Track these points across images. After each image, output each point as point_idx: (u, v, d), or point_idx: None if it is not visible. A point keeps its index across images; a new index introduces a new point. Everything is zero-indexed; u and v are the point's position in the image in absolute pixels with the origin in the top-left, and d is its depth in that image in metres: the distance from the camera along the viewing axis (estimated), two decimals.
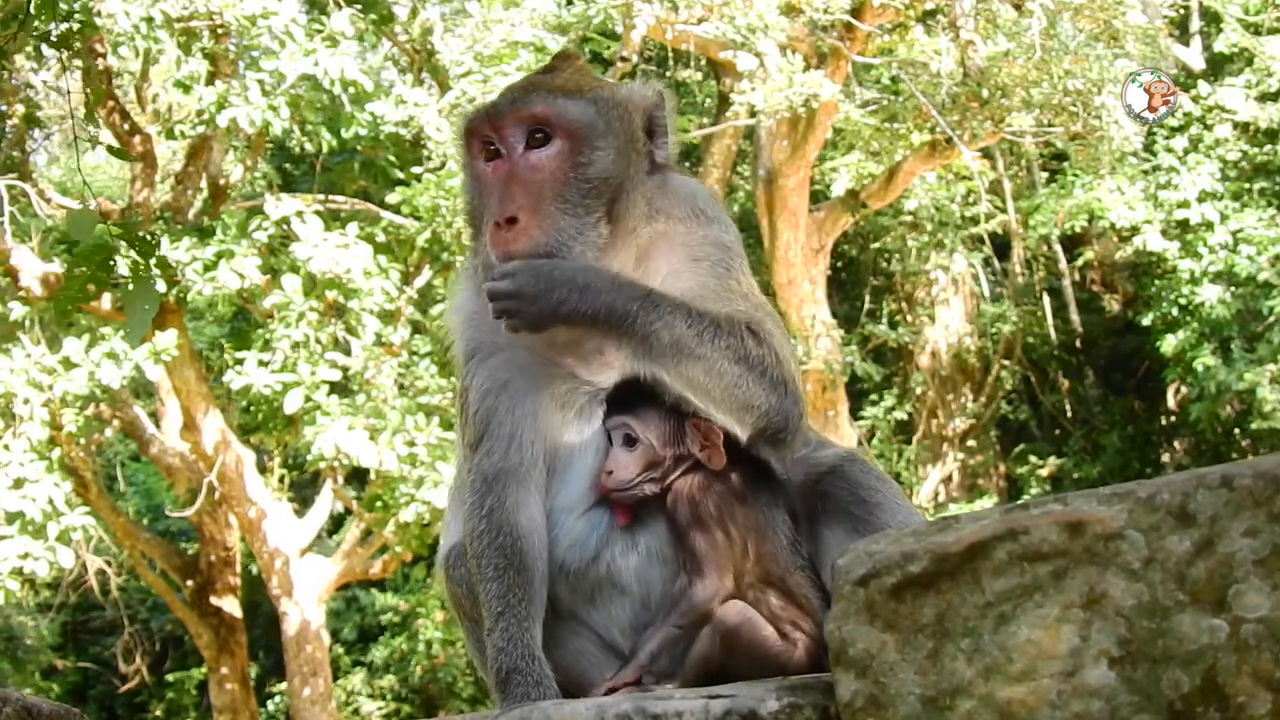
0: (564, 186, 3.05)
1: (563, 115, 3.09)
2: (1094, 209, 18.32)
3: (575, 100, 3.11)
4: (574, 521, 3.10)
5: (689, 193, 3.27)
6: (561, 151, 3.08)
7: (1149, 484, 2.05)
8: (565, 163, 3.07)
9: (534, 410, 3.12)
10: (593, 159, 3.08)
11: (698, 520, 2.96)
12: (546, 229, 3.01)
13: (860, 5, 15.24)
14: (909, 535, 2.13)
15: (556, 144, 3.08)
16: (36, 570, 12.74)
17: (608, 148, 3.10)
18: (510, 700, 2.89)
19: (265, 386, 13.45)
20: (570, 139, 3.08)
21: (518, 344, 3.12)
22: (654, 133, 3.22)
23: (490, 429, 3.12)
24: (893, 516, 3.08)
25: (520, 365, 3.13)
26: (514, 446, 3.10)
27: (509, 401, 3.13)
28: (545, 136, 3.09)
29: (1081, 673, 1.99)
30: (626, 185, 3.12)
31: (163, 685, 21.33)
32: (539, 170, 3.06)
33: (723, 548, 2.94)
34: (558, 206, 3.04)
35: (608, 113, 3.14)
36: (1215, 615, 1.95)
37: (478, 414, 3.15)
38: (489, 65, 14.08)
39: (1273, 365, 17.17)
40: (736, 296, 3.09)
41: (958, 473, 21.07)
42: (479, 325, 3.20)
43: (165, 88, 16.14)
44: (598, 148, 3.09)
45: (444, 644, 19.46)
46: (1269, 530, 1.94)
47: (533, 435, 3.11)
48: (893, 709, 2.06)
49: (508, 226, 3.01)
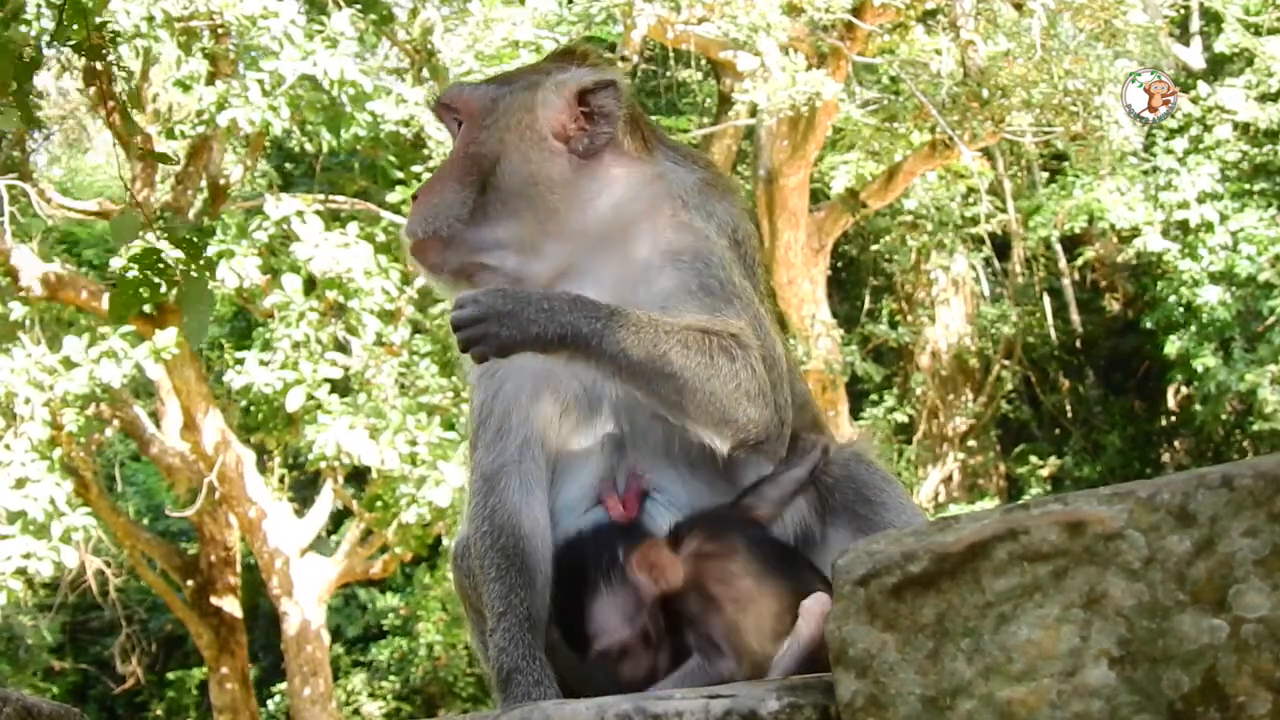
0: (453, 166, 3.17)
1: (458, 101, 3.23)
2: (1094, 210, 18.32)
3: (481, 86, 3.24)
4: (575, 521, 3.09)
5: (678, 189, 3.17)
6: (461, 135, 3.20)
7: (1149, 484, 2.04)
8: (460, 145, 3.18)
9: (535, 409, 3.11)
10: (481, 140, 3.14)
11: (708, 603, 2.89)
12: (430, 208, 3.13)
13: (861, 5, 15.23)
14: (909, 535, 2.13)
15: (462, 129, 3.20)
16: (40, 570, 12.74)
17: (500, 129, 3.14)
18: (511, 699, 2.89)
19: (266, 386, 13.46)
20: (466, 122, 3.20)
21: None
22: (593, 116, 3.14)
23: (490, 427, 3.12)
24: (897, 516, 3.08)
25: (521, 364, 3.11)
26: (514, 445, 3.09)
27: (510, 400, 3.12)
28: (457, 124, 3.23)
29: (1081, 673, 1.99)
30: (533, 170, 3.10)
31: (163, 685, 21.33)
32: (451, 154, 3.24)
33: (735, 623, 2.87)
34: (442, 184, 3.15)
35: (507, 97, 3.17)
36: (1215, 615, 1.95)
37: (478, 411, 3.15)
38: (489, 65, 14.08)
39: (1273, 366, 17.16)
40: (718, 299, 3.01)
41: (958, 473, 21.06)
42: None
43: (165, 88, 16.14)
44: (488, 129, 3.15)
45: (445, 645, 19.46)
46: (1269, 530, 1.94)
47: (533, 434, 3.10)
48: (893, 709, 2.06)
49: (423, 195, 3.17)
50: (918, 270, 20.91)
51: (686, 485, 3.09)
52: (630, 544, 2.94)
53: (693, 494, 3.09)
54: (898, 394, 20.91)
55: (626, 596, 2.90)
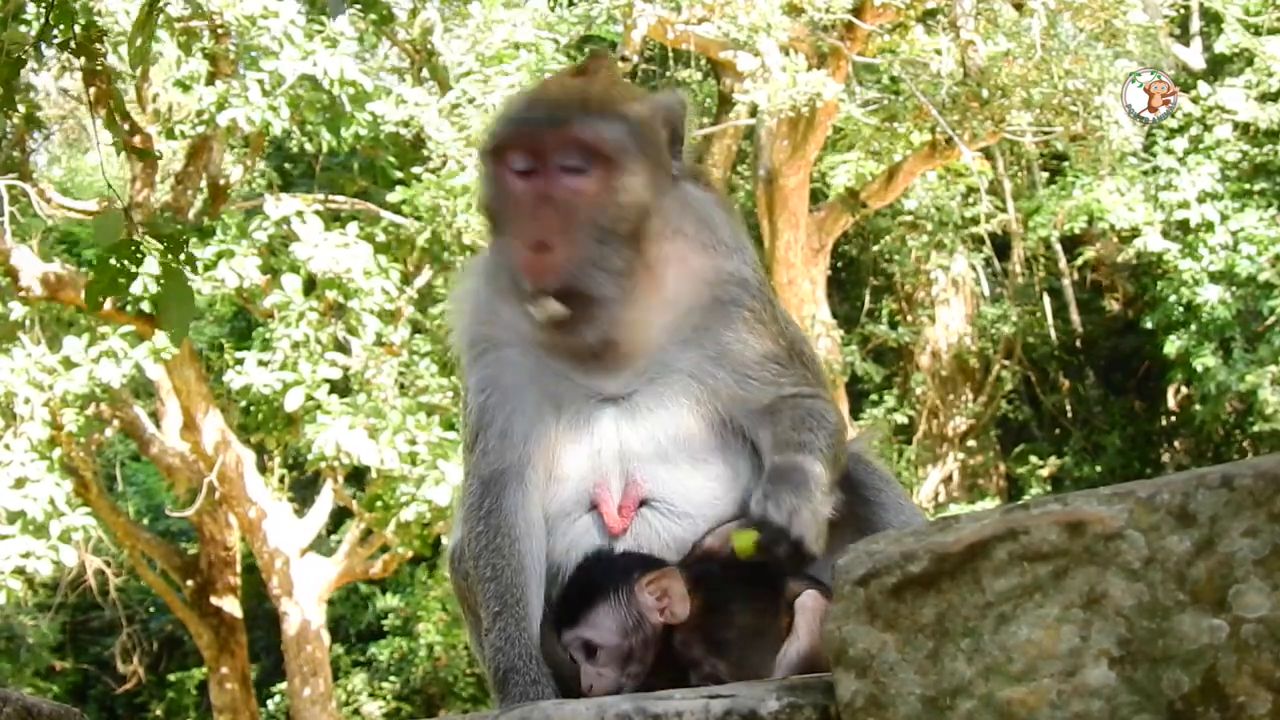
0: (596, 214, 2.98)
1: (600, 140, 2.99)
2: (1094, 210, 18.32)
3: (613, 123, 3.01)
4: (569, 525, 3.09)
5: (706, 212, 3.18)
6: (597, 178, 2.99)
7: (1149, 484, 2.04)
8: (600, 190, 2.99)
9: (531, 411, 3.10)
10: (626, 185, 3.01)
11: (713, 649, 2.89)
12: (576, 259, 2.96)
13: (861, 5, 15.24)
14: (909, 535, 2.13)
15: (593, 171, 3.00)
16: (39, 569, 12.75)
17: (640, 172, 3.03)
18: (508, 699, 2.89)
19: (265, 386, 13.46)
20: (606, 166, 3.00)
21: (517, 343, 3.11)
22: (674, 142, 3.14)
23: (486, 429, 3.11)
24: (896, 517, 3.08)
25: (519, 365, 3.11)
26: (510, 447, 3.08)
27: (506, 402, 3.11)
28: (582, 161, 3.00)
29: (1081, 673, 1.99)
30: (652, 206, 3.05)
31: (163, 685, 21.33)
32: (573, 196, 2.98)
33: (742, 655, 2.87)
34: (588, 234, 2.97)
35: (640, 134, 3.06)
36: (1215, 615, 1.95)
37: (474, 413, 3.14)
38: (489, 65, 14.10)
39: (1274, 366, 17.16)
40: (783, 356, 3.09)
41: (958, 473, 21.06)
42: (482, 320, 3.18)
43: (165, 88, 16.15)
44: (631, 173, 3.02)
45: (445, 646, 19.46)
46: (1269, 530, 1.94)
47: (529, 436, 3.09)
48: (893, 709, 2.06)
49: (540, 252, 2.95)
50: (918, 270, 20.92)
51: (686, 491, 3.08)
52: (648, 567, 2.94)
53: (693, 503, 3.07)
54: (898, 394, 20.91)
55: (630, 613, 2.89)
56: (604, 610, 2.90)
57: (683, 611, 2.89)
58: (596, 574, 2.96)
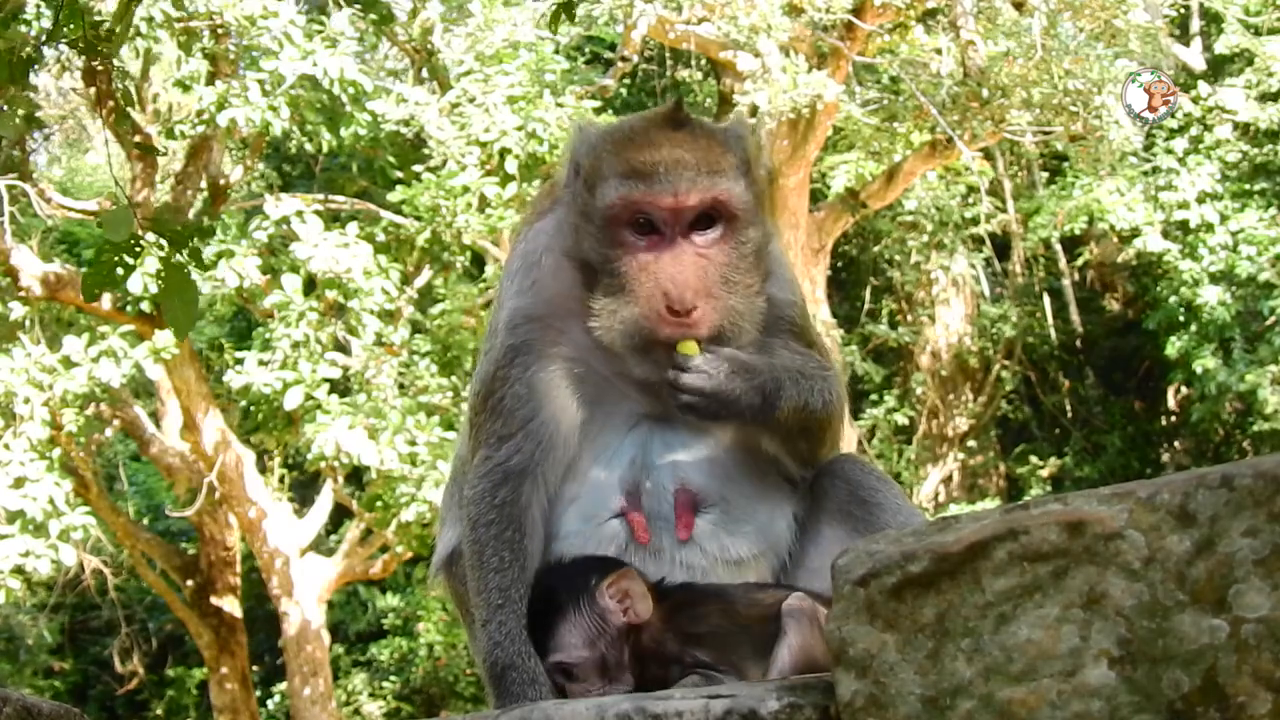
0: (728, 270, 3.03)
1: (730, 201, 3.03)
2: (1094, 210, 18.32)
3: (736, 181, 3.06)
4: (595, 530, 3.09)
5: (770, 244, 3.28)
6: (724, 233, 3.04)
7: (1149, 484, 2.04)
8: (728, 244, 3.04)
9: (574, 420, 3.11)
10: (750, 236, 3.09)
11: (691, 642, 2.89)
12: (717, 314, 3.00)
13: (861, 5, 15.24)
14: (909, 535, 2.13)
15: (719, 226, 3.04)
16: (38, 569, 12.74)
17: (759, 221, 3.13)
18: (506, 697, 2.88)
19: (265, 386, 13.46)
20: (732, 220, 3.05)
21: (568, 344, 3.11)
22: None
23: (523, 428, 3.09)
24: (893, 517, 3.08)
25: (564, 366, 3.12)
26: (535, 444, 3.08)
27: (541, 397, 3.10)
28: (711, 219, 3.04)
29: (1081, 673, 1.99)
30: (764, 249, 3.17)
31: (163, 685, 21.33)
32: (705, 253, 3.02)
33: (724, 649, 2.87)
34: (723, 288, 3.01)
35: (756, 185, 3.13)
36: (1215, 615, 1.94)
37: (515, 409, 3.10)
38: (489, 65, 14.10)
39: (1274, 366, 17.17)
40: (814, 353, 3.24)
41: (958, 473, 21.07)
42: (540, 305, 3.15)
43: (165, 88, 16.15)
44: (753, 224, 3.10)
45: (445, 645, 19.46)
46: (1269, 530, 1.94)
47: (557, 438, 3.10)
48: (893, 709, 2.06)
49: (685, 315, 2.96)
50: (918, 270, 20.92)
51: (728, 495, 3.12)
52: (605, 571, 2.93)
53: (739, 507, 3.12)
54: (898, 394, 20.92)
55: (592, 620, 2.89)
56: (566, 628, 2.90)
57: (645, 610, 2.89)
58: (554, 585, 2.97)
